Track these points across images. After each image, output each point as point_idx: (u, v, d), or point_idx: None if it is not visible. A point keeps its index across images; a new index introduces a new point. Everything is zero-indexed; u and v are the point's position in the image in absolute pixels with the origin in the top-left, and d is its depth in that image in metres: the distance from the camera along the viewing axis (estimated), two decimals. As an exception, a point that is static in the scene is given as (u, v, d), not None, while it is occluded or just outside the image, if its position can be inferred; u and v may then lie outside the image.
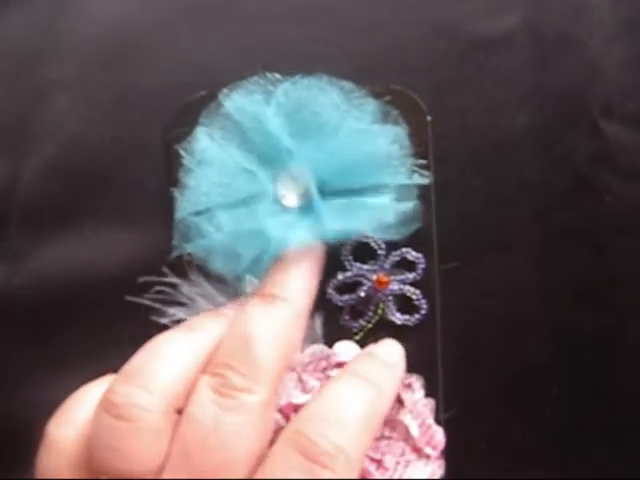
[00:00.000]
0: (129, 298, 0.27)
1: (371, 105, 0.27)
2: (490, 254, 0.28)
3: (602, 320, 0.28)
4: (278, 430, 0.26)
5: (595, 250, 0.28)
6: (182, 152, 0.27)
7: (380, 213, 0.27)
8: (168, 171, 0.28)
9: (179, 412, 0.22)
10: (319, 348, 0.27)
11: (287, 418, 0.26)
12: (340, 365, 0.27)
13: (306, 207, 0.27)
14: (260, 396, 0.22)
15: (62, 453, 0.22)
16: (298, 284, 0.25)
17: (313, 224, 0.27)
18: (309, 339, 0.27)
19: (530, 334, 0.28)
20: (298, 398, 0.26)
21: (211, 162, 0.27)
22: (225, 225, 0.26)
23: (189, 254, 0.27)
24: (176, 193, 0.27)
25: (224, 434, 0.21)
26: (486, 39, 0.29)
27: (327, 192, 0.27)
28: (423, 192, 0.27)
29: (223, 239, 0.26)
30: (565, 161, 0.28)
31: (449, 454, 0.27)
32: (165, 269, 0.27)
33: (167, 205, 0.27)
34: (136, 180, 0.29)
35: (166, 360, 0.23)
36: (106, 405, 0.22)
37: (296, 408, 0.26)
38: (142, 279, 0.27)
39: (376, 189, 0.27)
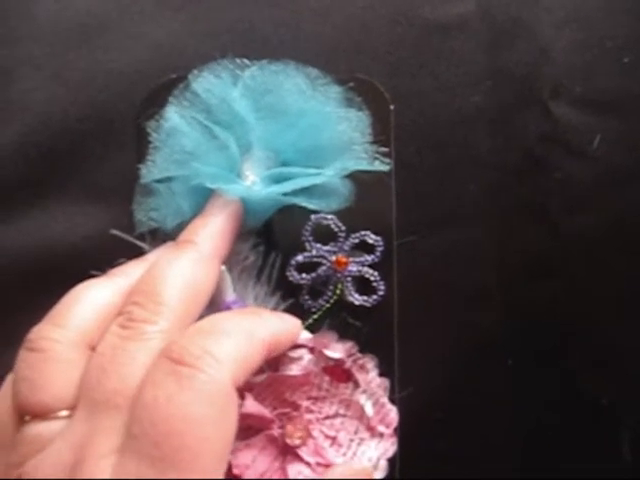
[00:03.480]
0: (94, 273, 0.28)
1: (335, 91, 0.28)
2: (445, 229, 0.29)
3: (554, 292, 0.29)
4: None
5: (547, 225, 0.29)
6: (151, 130, 0.28)
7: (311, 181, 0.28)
8: (140, 151, 0.28)
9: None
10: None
11: (242, 397, 0.27)
12: (297, 345, 0.27)
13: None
14: (159, 326, 0.22)
15: (5, 394, 0.22)
16: (207, 230, 0.26)
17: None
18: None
19: (485, 307, 0.29)
20: (254, 377, 0.27)
21: (181, 136, 0.27)
22: (187, 193, 0.27)
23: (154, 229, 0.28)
24: (142, 166, 0.28)
25: (120, 358, 0.21)
26: (441, 24, 0.30)
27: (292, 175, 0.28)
28: (383, 178, 0.28)
29: (182, 206, 0.27)
30: (517, 140, 0.29)
31: (405, 425, 0.28)
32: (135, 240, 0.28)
33: (134, 181, 0.28)
34: (102, 157, 0.29)
35: (81, 301, 0.24)
36: (24, 343, 0.23)
37: (252, 387, 0.27)
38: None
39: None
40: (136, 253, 0.28)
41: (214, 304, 0.27)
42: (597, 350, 0.30)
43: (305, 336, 0.28)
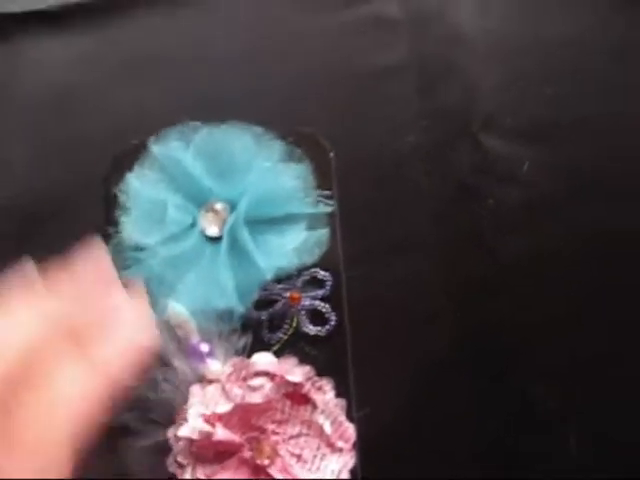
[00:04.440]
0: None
1: (278, 146, 0.31)
2: (393, 260, 0.32)
3: (499, 311, 0.32)
4: (205, 437, 0.30)
5: (485, 249, 0.32)
6: (118, 194, 0.31)
7: (300, 245, 0.31)
8: (108, 214, 0.32)
9: None
10: (239, 359, 0.31)
11: (212, 426, 0.30)
12: (259, 374, 0.31)
13: (231, 243, 0.31)
14: None
15: None
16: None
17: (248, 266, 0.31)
18: (230, 352, 0.31)
19: (437, 330, 0.32)
20: (222, 407, 0.30)
21: (142, 202, 0.31)
22: (157, 254, 0.30)
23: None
24: (112, 230, 0.31)
25: None
26: (376, 72, 0.33)
27: (246, 222, 0.31)
28: (329, 219, 0.31)
29: (156, 266, 0.30)
30: (451, 173, 0.33)
31: (367, 443, 0.31)
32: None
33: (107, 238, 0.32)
34: (80, 216, 0.33)
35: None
36: None
37: (220, 417, 0.30)
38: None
39: (288, 218, 0.31)
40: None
41: (182, 347, 0.31)
42: (543, 361, 0.32)
43: (269, 361, 0.31)
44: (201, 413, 0.30)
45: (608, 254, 0.32)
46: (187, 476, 0.31)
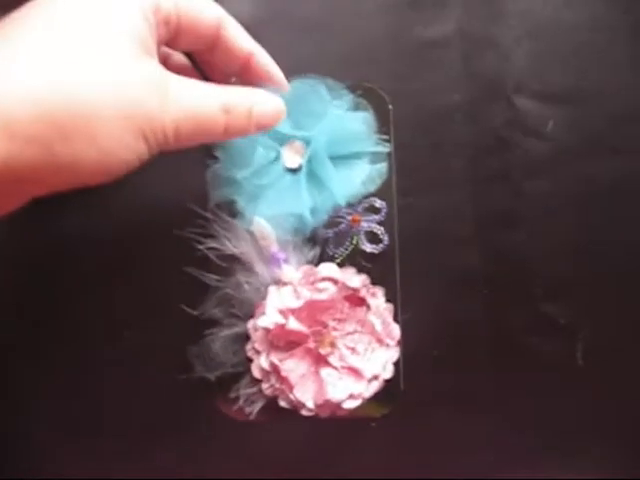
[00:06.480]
0: (176, 231, 0.39)
1: (347, 97, 0.38)
2: (434, 193, 0.40)
3: (518, 240, 0.40)
4: (279, 327, 0.37)
5: (512, 189, 0.40)
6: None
7: (366, 177, 0.38)
8: (206, 148, 0.39)
9: None
10: (308, 267, 0.38)
11: (286, 318, 0.37)
12: (324, 279, 0.38)
13: (309, 173, 0.39)
14: None
15: None
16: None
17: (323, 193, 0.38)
18: (302, 261, 0.38)
19: (465, 250, 0.40)
20: (293, 303, 0.38)
21: (237, 141, 0.38)
22: (248, 181, 0.38)
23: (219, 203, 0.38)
24: (210, 162, 0.38)
25: None
26: (430, 40, 0.40)
27: (319, 159, 0.38)
28: (386, 158, 0.39)
29: (246, 188, 0.37)
30: (487, 126, 0.40)
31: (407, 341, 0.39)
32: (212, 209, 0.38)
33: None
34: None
35: None
36: None
37: (292, 311, 0.38)
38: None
39: (355, 156, 0.39)
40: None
41: (263, 255, 0.38)
42: (554, 283, 0.40)
43: (333, 269, 0.38)
44: (277, 307, 0.38)
45: (613, 196, 0.40)
46: (262, 360, 0.38)
